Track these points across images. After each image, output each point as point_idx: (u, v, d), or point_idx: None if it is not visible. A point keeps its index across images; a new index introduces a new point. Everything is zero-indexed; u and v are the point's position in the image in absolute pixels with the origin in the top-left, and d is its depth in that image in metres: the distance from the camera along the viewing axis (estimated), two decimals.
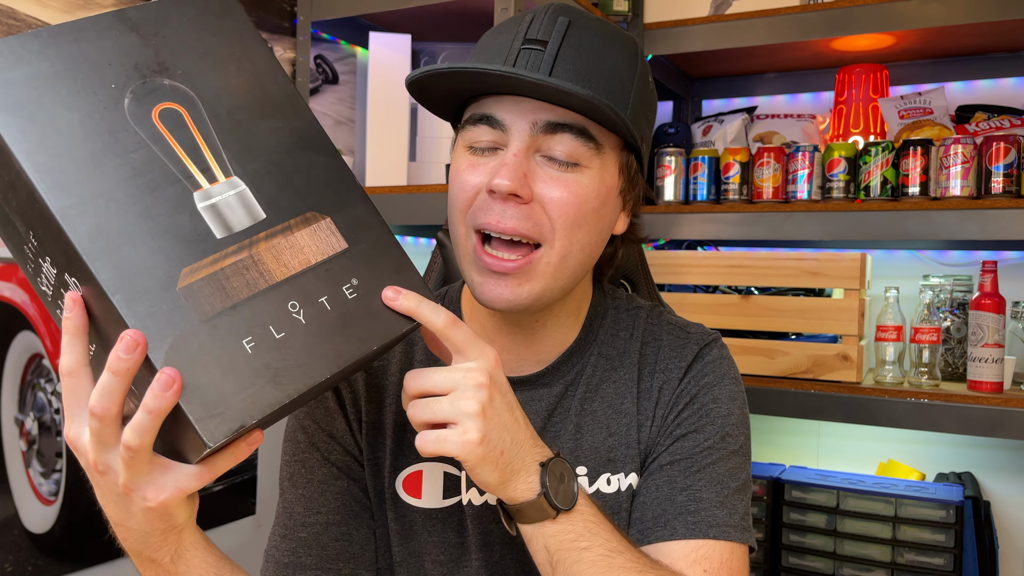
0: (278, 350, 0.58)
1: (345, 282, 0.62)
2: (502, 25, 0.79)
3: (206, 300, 0.56)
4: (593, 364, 0.86)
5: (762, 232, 1.74)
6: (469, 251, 0.76)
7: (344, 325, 0.60)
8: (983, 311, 1.55)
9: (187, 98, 0.61)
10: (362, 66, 1.97)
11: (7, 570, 1.28)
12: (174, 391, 0.53)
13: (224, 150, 0.61)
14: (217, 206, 0.59)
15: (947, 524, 1.58)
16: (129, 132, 0.58)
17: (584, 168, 0.75)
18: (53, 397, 1.34)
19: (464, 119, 0.77)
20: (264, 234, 0.60)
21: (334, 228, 0.63)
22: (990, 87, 1.93)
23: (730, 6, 1.90)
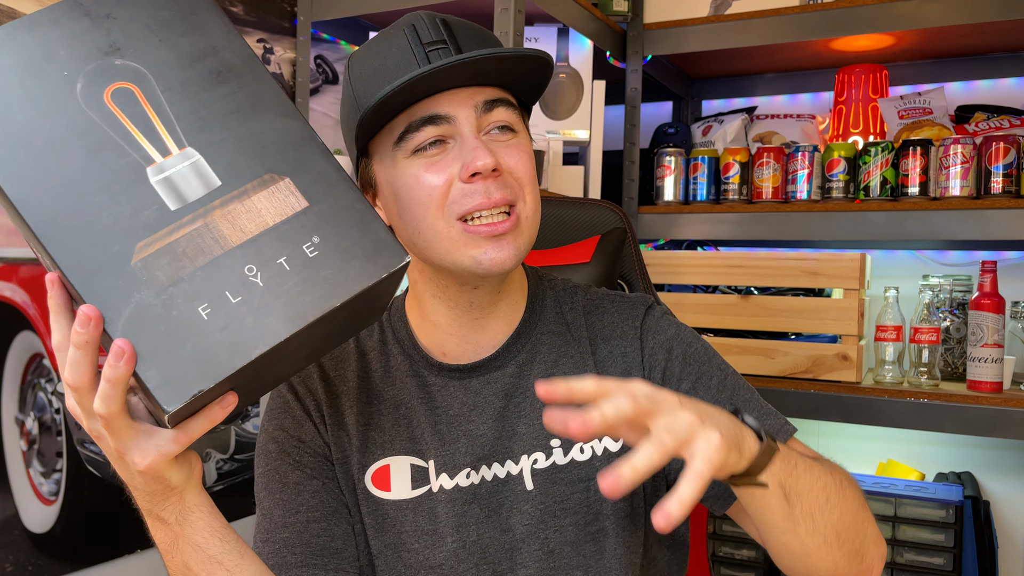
0: (234, 314, 0.58)
1: (306, 240, 0.60)
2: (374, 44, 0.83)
3: (161, 271, 0.58)
4: (546, 343, 0.90)
5: (762, 232, 1.74)
6: (456, 237, 0.79)
7: (305, 284, 0.60)
8: (983, 311, 1.55)
9: (139, 75, 0.61)
10: None
11: (7, 570, 1.28)
12: (125, 360, 0.56)
13: (178, 122, 0.61)
14: (171, 178, 0.60)
15: (947, 524, 1.58)
16: (83, 116, 0.60)
17: (518, 132, 0.83)
18: (53, 397, 1.35)
19: (400, 131, 0.80)
20: (219, 201, 0.60)
21: (293, 188, 0.62)
22: (990, 87, 1.93)
23: (730, 6, 1.90)
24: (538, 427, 0.86)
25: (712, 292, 1.77)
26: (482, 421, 0.87)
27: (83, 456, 1.38)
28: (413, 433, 0.87)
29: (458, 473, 0.85)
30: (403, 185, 0.81)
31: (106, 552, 1.42)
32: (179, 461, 0.64)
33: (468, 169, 0.77)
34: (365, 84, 0.81)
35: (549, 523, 0.84)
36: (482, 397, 0.87)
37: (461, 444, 0.86)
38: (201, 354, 0.57)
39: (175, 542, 0.69)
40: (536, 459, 0.86)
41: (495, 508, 0.85)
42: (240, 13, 1.66)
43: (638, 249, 1.19)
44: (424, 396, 0.88)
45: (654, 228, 1.87)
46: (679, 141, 2.01)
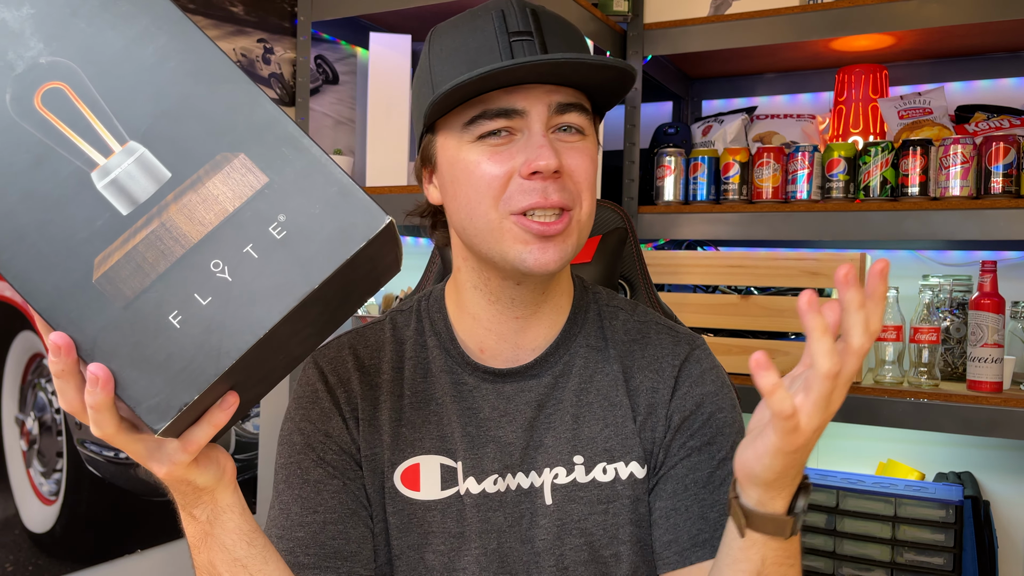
0: (208, 317, 0.54)
1: (271, 221, 0.55)
2: (461, 23, 0.82)
3: (124, 284, 0.55)
4: (583, 356, 0.88)
5: (762, 232, 1.74)
6: (508, 229, 0.79)
7: (277, 271, 0.55)
8: (982, 311, 1.55)
9: (67, 71, 0.57)
10: (362, 66, 1.98)
11: (7, 570, 1.28)
12: (102, 386, 0.54)
13: (115, 115, 0.56)
14: (117, 180, 0.56)
15: (947, 524, 1.58)
16: (17, 129, 0.56)
17: (587, 136, 0.82)
18: (53, 397, 1.35)
19: (472, 116, 0.79)
20: (172, 195, 0.56)
21: (249, 164, 0.56)
22: (990, 87, 1.93)
23: (730, 6, 1.90)
24: (564, 441, 0.85)
25: (712, 292, 1.77)
26: (512, 429, 0.85)
27: (83, 456, 1.38)
28: (443, 431, 0.85)
29: (486, 479, 0.84)
30: (463, 169, 0.80)
31: (106, 552, 1.42)
32: (202, 464, 0.63)
33: (530, 166, 0.77)
34: (443, 63, 0.81)
35: (565, 540, 0.83)
36: (514, 404, 0.86)
37: (490, 449, 0.85)
38: (180, 365, 0.54)
39: (204, 540, 0.68)
40: (557, 474, 0.85)
41: (518, 518, 0.84)
42: (240, 13, 1.66)
43: (639, 249, 1.19)
44: (456, 395, 0.86)
45: (654, 228, 1.87)
46: (679, 141, 2.01)
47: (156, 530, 1.49)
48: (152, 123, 0.56)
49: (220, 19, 1.62)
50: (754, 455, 0.66)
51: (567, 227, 0.79)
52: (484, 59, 0.78)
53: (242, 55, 1.67)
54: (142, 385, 0.54)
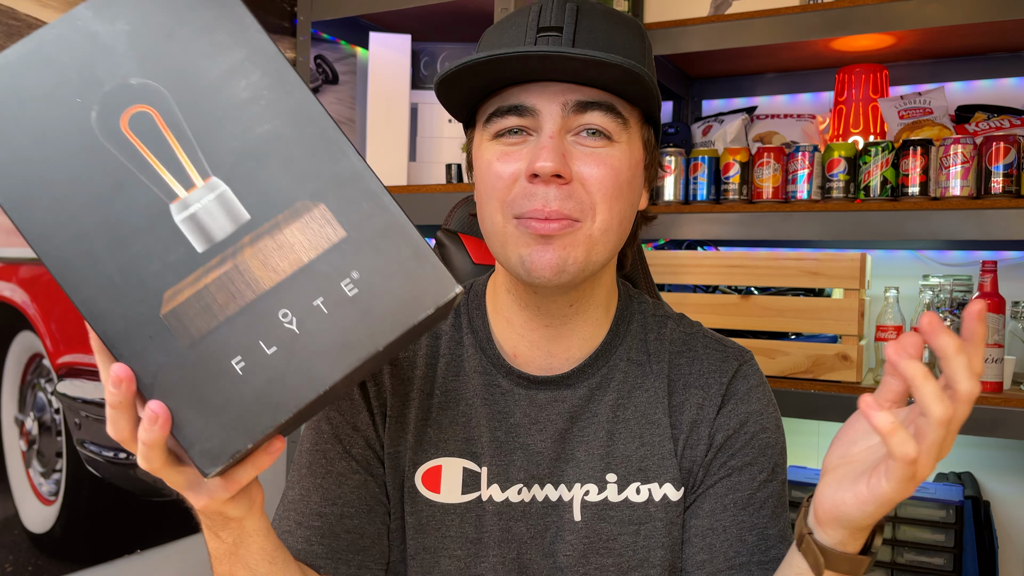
0: (271, 367, 0.54)
1: (344, 277, 0.55)
2: (506, 20, 0.80)
3: (191, 323, 0.54)
4: (623, 370, 0.85)
5: (762, 232, 1.74)
6: (511, 232, 0.76)
7: (344, 326, 0.54)
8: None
9: (157, 95, 0.55)
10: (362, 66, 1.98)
11: (7, 570, 1.28)
12: (160, 425, 0.53)
13: (200, 147, 0.55)
14: (196, 216, 0.55)
15: (947, 524, 1.58)
16: (99, 149, 0.55)
17: (615, 142, 0.76)
18: (53, 397, 1.35)
19: (489, 113, 0.77)
20: (249, 238, 0.55)
21: (329, 215, 0.55)
22: (990, 87, 1.93)
23: (730, 6, 1.90)
24: (597, 457, 0.82)
25: (712, 292, 1.77)
26: (542, 438, 0.83)
27: (83, 456, 1.38)
28: (470, 434, 0.83)
29: (510, 487, 0.82)
30: (479, 168, 0.78)
31: (106, 552, 1.42)
32: (237, 498, 0.62)
33: (529, 168, 0.73)
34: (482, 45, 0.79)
35: (591, 559, 0.81)
36: (546, 413, 0.83)
37: (517, 457, 0.82)
38: (237, 412, 0.54)
39: (227, 558, 0.69)
40: (588, 490, 0.82)
41: (541, 531, 0.82)
42: None
43: (640, 248, 1.19)
44: (488, 397, 0.84)
45: (654, 228, 1.87)
46: (679, 141, 2.01)
47: (156, 530, 1.49)
48: (236, 161, 0.55)
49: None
50: (856, 500, 0.62)
51: (569, 231, 0.74)
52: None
53: None
54: (197, 427, 0.54)
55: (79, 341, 1.37)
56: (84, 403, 1.38)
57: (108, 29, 0.55)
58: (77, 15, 0.55)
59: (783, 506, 0.84)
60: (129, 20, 0.55)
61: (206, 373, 0.54)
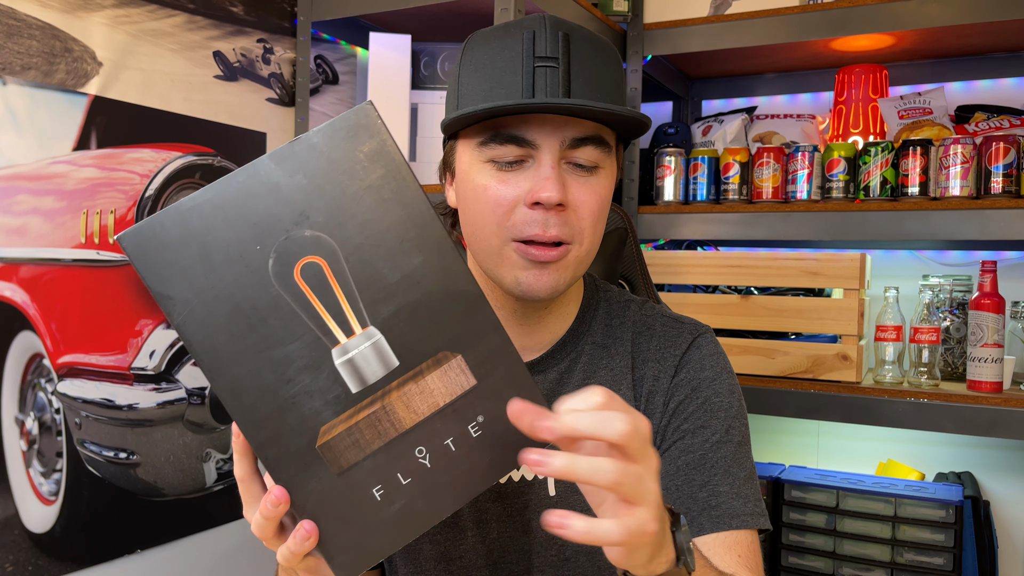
0: (405, 495, 0.62)
1: (471, 420, 0.62)
2: (493, 39, 0.82)
3: (341, 455, 0.61)
4: (588, 353, 0.90)
5: (762, 232, 1.74)
6: (508, 255, 0.81)
7: (468, 463, 0.62)
8: (983, 311, 1.55)
9: (328, 248, 0.60)
10: (362, 66, 1.98)
11: (7, 570, 1.28)
12: (311, 543, 0.60)
13: (361, 298, 0.61)
14: (354, 360, 0.61)
15: (947, 524, 1.58)
16: (273, 295, 0.60)
17: (601, 169, 0.82)
18: (53, 397, 1.35)
19: (487, 137, 0.80)
20: (396, 383, 0.61)
21: (464, 366, 0.62)
22: (990, 87, 1.93)
23: (730, 6, 1.90)
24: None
25: (712, 292, 1.77)
26: None
27: (83, 456, 1.38)
28: None
29: None
30: (473, 189, 0.81)
31: (106, 552, 1.42)
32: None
33: (533, 196, 0.78)
34: (469, 76, 0.82)
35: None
36: None
37: None
38: (373, 532, 0.61)
39: None
40: None
41: (519, 509, 0.86)
42: (240, 13, 1.66)
43: (639, 249, 1.19)
44: None
45: (654, 228, 1.87)
46: (679, 141, 2.01)
47: (156, 530, 1.49)
48: (391, 313, 0.61)
49: (220, 19, 1.62)
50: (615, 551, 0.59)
51: (563, 258, 0.80)
52: (507, 81, 0.79)
53: (242, 55, 1.67)
54: (339, 543, 0.62)
55: (79, 341, 1.37)
56: (84, 403, 1.38)
57: (288, 181, 0.60)
58: (261, 166, 0.60)
59: (739, 466, 0.86)
60: (307, 174, 0.60)
61: (350, 498, 0.61)
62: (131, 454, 1.45)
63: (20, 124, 1.28)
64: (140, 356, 1.46)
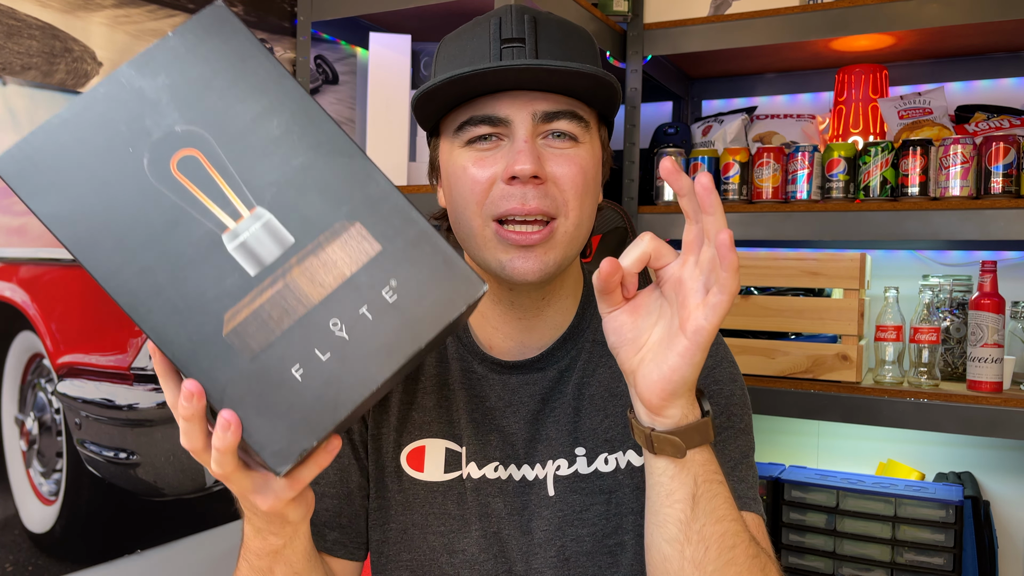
0: (327, 371, 0.60)
1: (383, 285, 0.61)
2: (463, 31, 0.84)
3: (251, 339, 0.60)
4: (588, 351, 0.90)
5: (762, 232, 1.74)
6: (489, 237, 0.80)
7: (388, 329, 0.61)
8: (983, 311, 1.55)
9: (200, 139, 0.62)
10: (362, 66, 1.98)
11: (7, 570, 1.28)
12: (232, 432, 0.59)
13: (244, 182, 0.62)
14: (246, 243, 0.61)
15: (947, 524, 1.58)
16: (153, 192, 0.61)
17: (581, 143, 0.81)
18: (53, 397, 1.35)
19: (461, 122, 0.81)
20: (295, 259, 0.61)
21: (365, 232, 0.62)
22: (990, 87, 1.93)
23: (730, 6, 1.90)
24: (565, 433, 0.87)
25: None
26: (515, 420, 0.87)
27: (83, 456, 1.38)
28: (451, 417, 0.88)
29: (487, 465, 0.86)
30: (453, 174, 0.82)
31: (106, 552, 1.42)
32: (297, 500, 0.67)
33: (508, 171, 0.78)
34: (441, 68, 0.83)
35: (567, 531, 0.85)
36: (518, 396, 0.88)
37: (493, 438, 0.87)
38: (302, 414, 0.60)
39: (271, 555, 0.72)
40: (559, 465, 0.86)
41: (519, 508, 0.86)
42: (240, 13, 1.66)
43: None
44: (466, 382, 0.88)
45: (654, 228, 1.87)
46: (679, 141, 2.01)
47: (156, 530, 1.49)
48: (277, 191, 0.62)
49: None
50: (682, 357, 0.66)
51: (549, 238, 0.79)
52: (475, 63, 0.79)
53: None
54: (266, 432, 0.60)
55: (79, 341, 1.37)
56: (84, 403, 1.38)
57: (151, 84, 0.61)
58: (122, 73, 0.61)
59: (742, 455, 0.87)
60: (169, 74, 0.62)
61: (269, 382, 0.60)
62: (131, 454, 1.45)
63: (20, 124, 1.28)
64: (140, 356, 1.46)
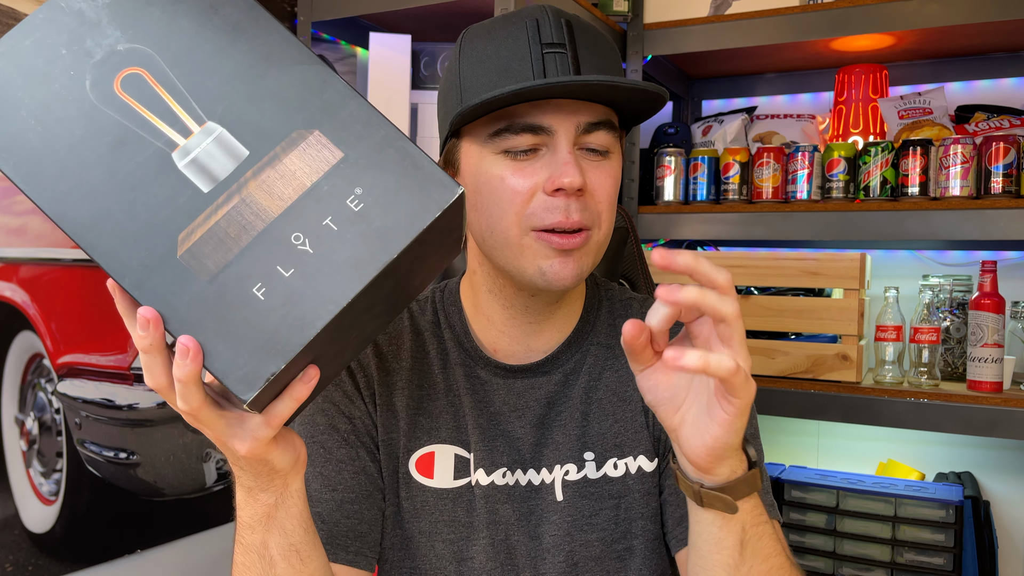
0: (291, 289, 0.56)
1: (348, 194, 0.57)
2: (496, 29, 0.81)
3: (208, 259, 0.56)
4: (594, 354, 0.89)
5: (762, 232, 1.74)
6: (528, 245, 0.79)
7: (356, 242, 0.56)
8: (983, 311, 1.55)
9: (144, 56, 0.58)
10: (362, 66, 1.97)
11: (7, 570, 1.28)
12: (191, 358, 0.55)
13: (193, 97, 0.58)
14: (198, 159, 0.57)
15: (947, 524, 1.58)
16: (98, 113, 0.58)
17: (612, 154, 0.82)
18: (53, 397, 1.35)
19: (498, 128, 0.78)
20: (251, 172, 0.57)
21: (324, 140, 0.58)
22: (990, 87, 1.93)
23: (730, 6, 1.90)
24: (574, 438, 0.86)
25: None
26: (521, 425, 0.86)
27: (83, 456, 1.38)
28: (459, 423, 0.86)
29: (495, 471, 0.85)
30: (487, 181, 0.80)
31: (106, 552, 1.42)
32: (282, 444, 0.63)
33: (554, 183, 0.76)
34: (472, 70, 0.80)
35: (576, 536, 0.84)
36: (524, 400, 0.87)
37: (500, 443, 0.86)
38: (265, 336, 0.55)
39: (263, 522, 0.68)
40: (568, 470, 0.85)
41: (526, 514, 0.85)
42: None
43: (640, 248, 1.19)
44: (470, 387, 0.87)
45: (654, 228, 1.87)
46: (679, 141, 2.01)
47: (156, 530, 1.49)
48: (228, 104, 0.58)
49: None
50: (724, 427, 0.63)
51: (585, 244, 0.79)
52: (515, 69, 0.78)
53: None
54: (229, 357, 0.55)
55: (79, 341, 1.37)
56: (84, 403, 1.38)
57: (91, 5, 0.59)
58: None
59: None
60: None
61: (229, 304, 0.56)
62: (131, 454, 1.45)
63: None
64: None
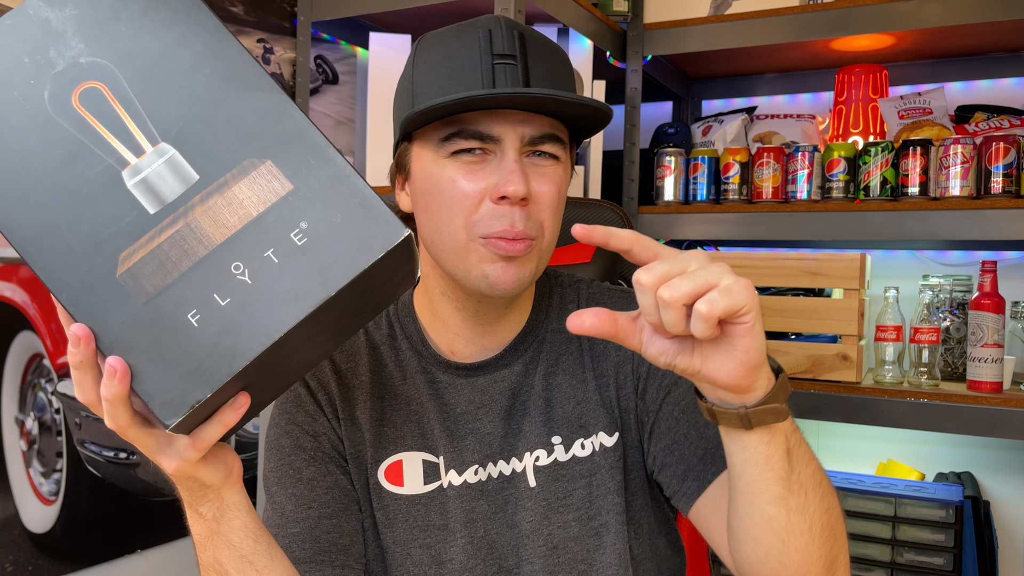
0: (225, 318, 0.55)
1: (293, 228, 0.56)
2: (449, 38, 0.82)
3: (147, 281, 0.56)
4: (550, 340, 0.91)
5: (762, 232, 1.74)
6: (475, 249, 0.80)
7: (296, 274, 0.56)
8: (983, 311, 1.55)
9: (105, 71, 0.58)
10: (362, 66, 1.98)
11: (7, 570, 1.28)
12: (119, 379, 0.55)
13: (149, 117, 0.58)
14: (147, 180, 0.57)
15: (947, 524, 1.58)
16: (53, 125, 0.57)
17: (561, 162, 0.83)
18: (53, 397, 1.35)
19: (449, 134, 0.80)
20: (199, 197, 0.57)
21: (276, 171, 0.57)
22: (990, 87, 1.93)
23: (730, 6, 1.90)
24: (540, 424, 0.88)
25: None
26: (489, 420, 0.88)
27: (83, 456, 1.38)
28: (424, 429, 0.87)
29: (466, 470, 0.86)
30: (437, 184, 0.81)
31: (106, 552, 1.42)
32: (211, 462, 0.64)
33: (499, 191, 0.78)
34: (424, 75, 0.82)
35: (552, 519, 0.85)
36: (489, 396, 0.88)
37: (469, 442, 0.87)
38: (195, 363, 0.55)
39: (210, 538, 0.69)
40: (538, 456, 0.87)
41: (501, 505, 0.86)
42: (240, 13, 1.66)
43: None
44: (433, 393, 0.88)
45: (654, 228, 1.87)
46: (679, 141, 2.01)
47: (156, 530, 1.49)
48: (184, 126, 0.58)
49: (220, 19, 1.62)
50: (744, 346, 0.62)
51: (528, 252, 0.80)
52: (466, 78, 0.79)
53: None
54: (157, 380, 0.55)
55: None
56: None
57: (58, 15, 0.58)
58: (29, 5, 0.58)
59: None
60: (77, 5, 0.58)
61: (163, 327, 0.56)
62: (131, 454, 1.45)
63: None
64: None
